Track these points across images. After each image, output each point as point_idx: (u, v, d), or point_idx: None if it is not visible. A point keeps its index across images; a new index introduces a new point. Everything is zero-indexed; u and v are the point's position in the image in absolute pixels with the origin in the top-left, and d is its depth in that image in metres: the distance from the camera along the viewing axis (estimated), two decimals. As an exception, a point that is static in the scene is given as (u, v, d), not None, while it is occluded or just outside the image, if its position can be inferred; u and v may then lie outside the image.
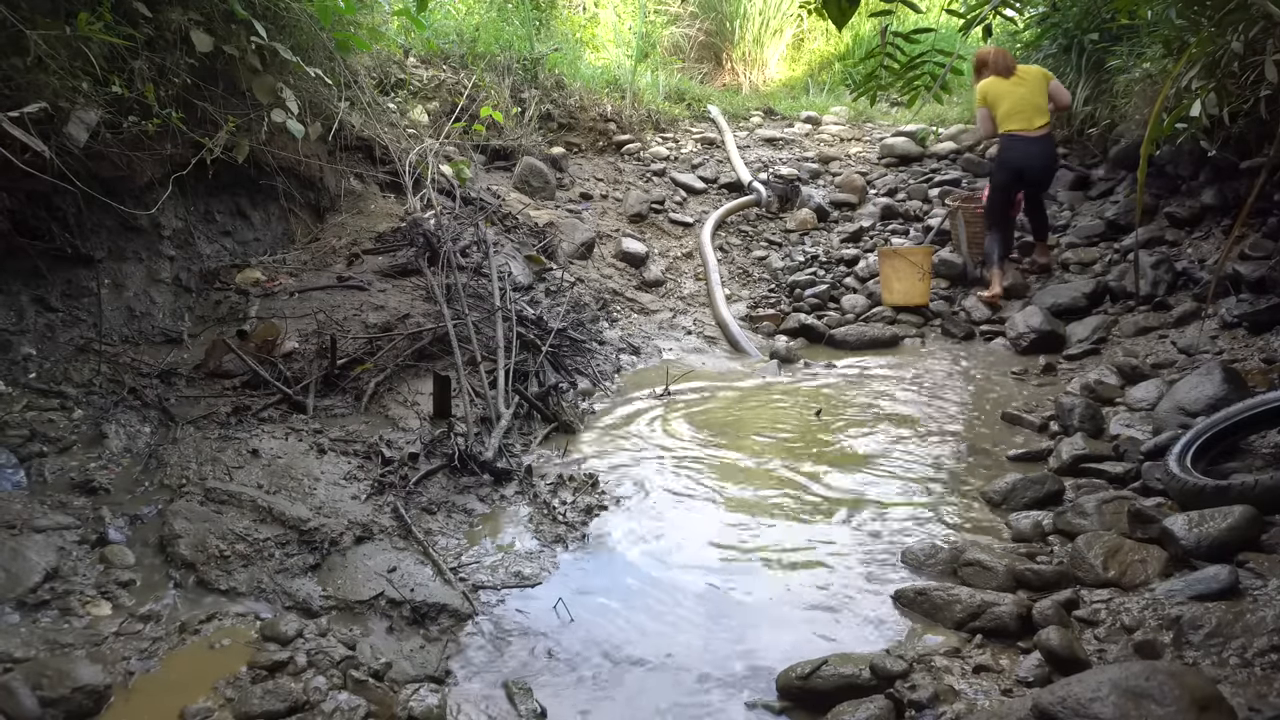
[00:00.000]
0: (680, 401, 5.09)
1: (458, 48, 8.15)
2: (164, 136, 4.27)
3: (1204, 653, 2.37)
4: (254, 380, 4.16)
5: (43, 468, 3.37)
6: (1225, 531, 2.84)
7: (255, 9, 4.61)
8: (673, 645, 2.81)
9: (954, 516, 3.66)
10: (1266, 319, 4.70)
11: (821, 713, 2.43)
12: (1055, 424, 4.43)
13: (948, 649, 2.66)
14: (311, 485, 3.48)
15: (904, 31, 3.30)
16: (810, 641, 2.80)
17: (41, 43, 3.52)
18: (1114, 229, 6.51)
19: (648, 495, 3.89)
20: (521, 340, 4.95)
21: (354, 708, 2.42)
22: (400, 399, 4.31)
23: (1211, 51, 3.82)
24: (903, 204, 7.93)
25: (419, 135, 6.86)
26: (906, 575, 3.19)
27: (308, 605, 2.89)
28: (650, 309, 6.74)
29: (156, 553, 3.06)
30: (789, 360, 5.89)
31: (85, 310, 4.15)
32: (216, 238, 5.09)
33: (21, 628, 2.61)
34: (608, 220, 7.61)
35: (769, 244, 7.78)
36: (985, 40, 5.02)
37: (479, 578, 3.15)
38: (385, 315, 4.85)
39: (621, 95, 9.01)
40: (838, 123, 9.99)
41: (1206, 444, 3.48)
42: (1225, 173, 5.53)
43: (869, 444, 4.50)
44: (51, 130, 3.65)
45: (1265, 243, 5.07)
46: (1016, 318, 5.90)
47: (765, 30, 12.14)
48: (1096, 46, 6.54)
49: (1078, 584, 2.91)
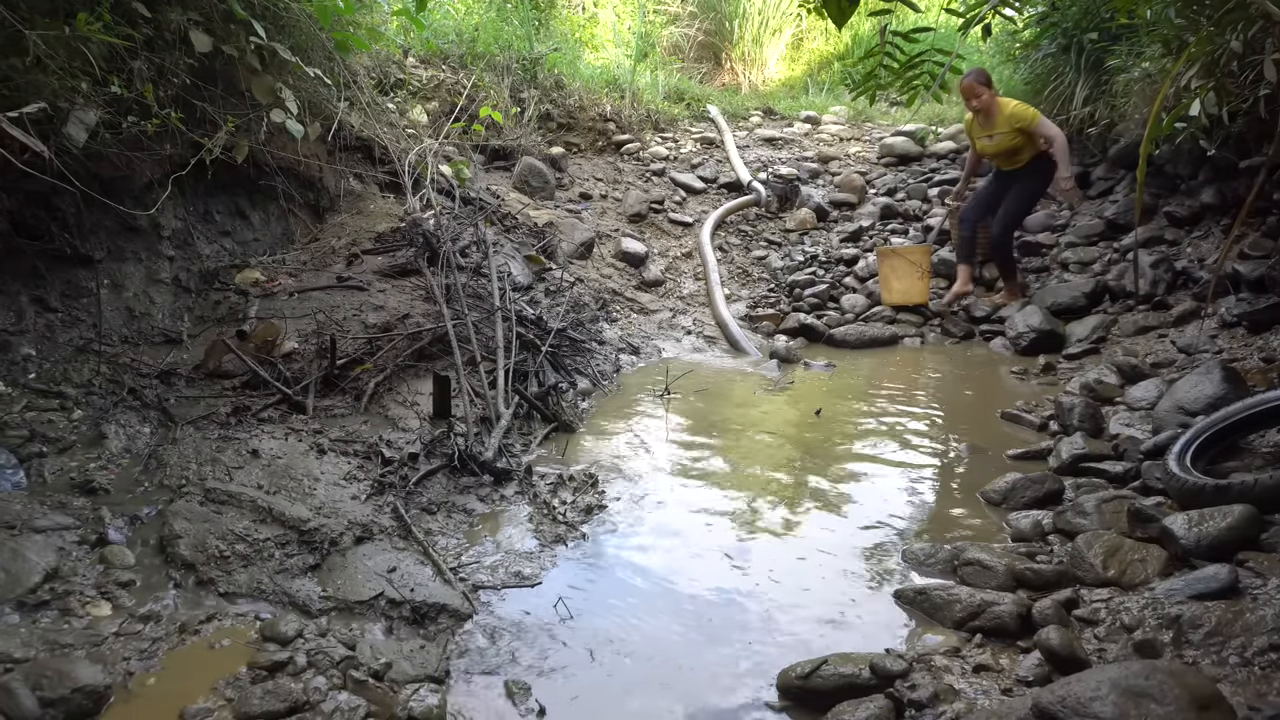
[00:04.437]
0: (680, 401, 5.09)
1: (457, 48, 8.15)
2: (163, 137, 4.27)
3: (1204, 652, 2.37)
4: (254, 380, 4.15)
5: (42, 468, 3.37)
6: (1225, 531, 2.85)
7: (254, 9, 4.61)
8: (672, 644, 2.82)
9: (954, 516, 3.66)
10: (1266, 318, 4.70)
11: (821, 712, 2.43)
12: (1055, 423, 4.43)
13: (948, 648, 2.66)
14: (311, 485, 3.48)
15: (903, 31, 3.31)
16: (810, 641, 2.80)
17: (40, 43, 3.52)
18: (1113, 228, 6.51)
19: (647, 495, 3.89)
20: (521, 340, 4.95)
21: (354, 708, 2.42)
22: (400, 399, 4.31)
23: (1211, 51, 3.82)
24: (902, 203, 7.93)
25: (418, 135, 6.86)
26: (906, 574, 3.19)
27: (307, 605, 2.89)
28: (650, 309, 6.74)
29: (156, 553, 3.06)
30: (789, 360, 5.89)
31: (84, 310, 4.15)
32: (216, 238, 5.09)
33: (21, 628, 2.61)
34: (607, 220, 7.61)
35: (768, 244, 7.78)
36: (984, 40, 4.95)
37: (479, 577, 3.15)
38: (385, 315, 4.85)
39: (621, 95, 9.00)
40: (837, 122, 9.99)
41: (1206, 443, 3.48)
42: (1224, 172, 5.53)
43: (868, 443, 4.50)
44: (50, 130, 3.64)
45: (1264, 242, 5.07)
46: (1016, 317, 5.90)
47: (764, 30, 12.14)
48: (1096, 46, 6.53)
49: (1077, 583, 2.91)
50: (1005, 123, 6.13)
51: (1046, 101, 7.16)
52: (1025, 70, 7.54)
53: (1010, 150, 6.23)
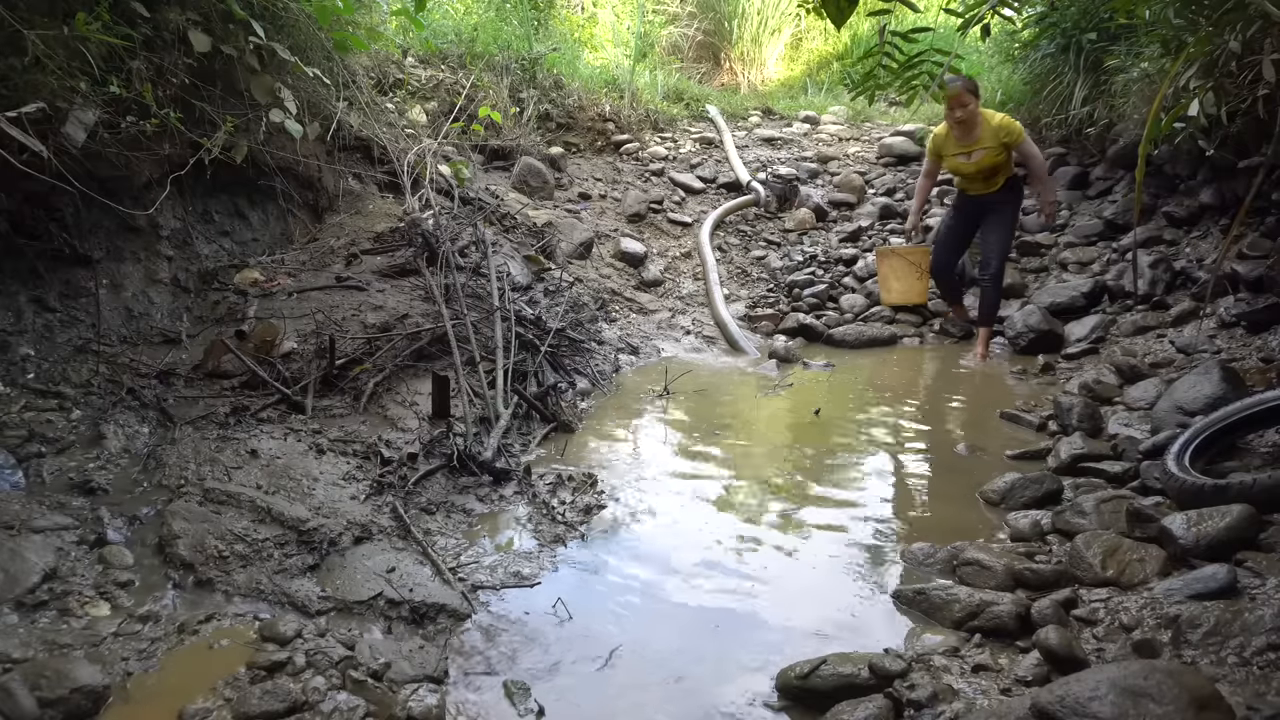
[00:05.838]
0: (679, 401, 5.09)
1: (456, 48, 8.14)
2: (162, 136, 4.26)
3: (1202, 651, 2.37)
4: (252, 380, 4.15)
5: (41, 468, 3.37)
6: (1224, 530, 2.85)
7: (253, 9, 4.61)
8: (671, 644, 2.82)
9: (953, 515, 3.66)
10: (1264, 318, 4.70)
11: (821, 712, 2.43)
12: (1054, 423, 4.43)
13: (947, 648, 2.66)
14: (310, 485, 3.48)
15: (902, 31, 3.31)
16: (809, 640, 2.80)
17: (39, 43, 3.51)
18: (1112, 228, 6.51)
19: (646, 494, 3.89)
20: (520, 340, 4.95)
21: (353, 708, 2.42)
22: (399, 399, 4.31)
23: (1209, 51, 3.82)
24: (901, 204, 7.92)
25: (417, 135, 6.86)
26: (905, 574, 3.19)
27: (306, 605, 2.89)
28: (649, 309, 6.73)
29: (155, 553, 3.06)
30: (788, 360, 5.89)
31: (83, 310, 4.15)
32: (215, 238, 5.09)
33: (20, 628, 2.61)
34: (606, 220, 7.61)
35: (767, 244, 7.78)
36: (983, 40, 4.84)
37: (478, 577, 3.15)
38: (384, 315, 4.84)
39: (620, 95, 9.00)
40: (836, 122, 9.99)
41: (1205, 443, 3.48)
42: (1223, 172, 5.53)
43: (868, 443, 4.50)
44: (49, 130, 3.64)
45: (1263, 242, 5.07)
46: (1015, 317, 5.90)
47: (763, 30, 12.14)
48: (1095, 46, 6.54)
49: (1076, 583, 2.91)
50: (992, 136, 5.56)
51: (1045, 101, 7.17)
52: (1024, 70, 7.54)
53: (990, 170, 5.66)
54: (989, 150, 5.60)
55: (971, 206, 5.92)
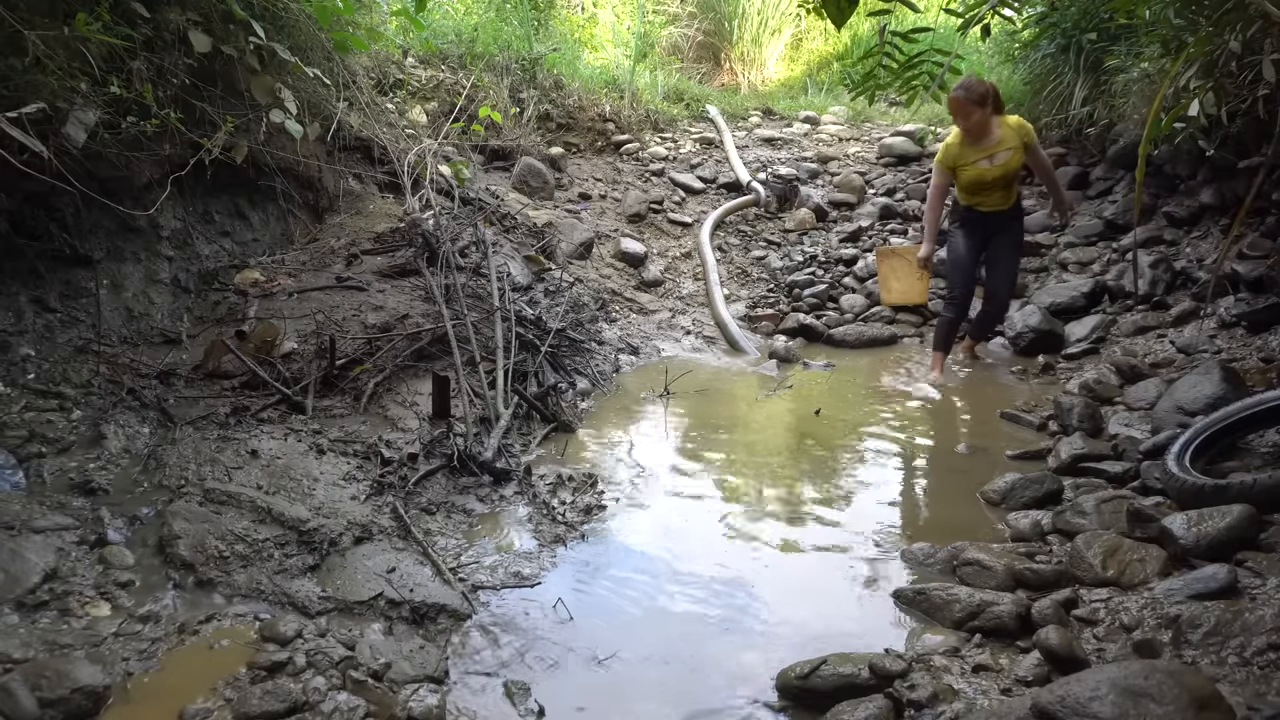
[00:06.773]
0: (679, 401, 5.09)
1: (456, 48, 8.14)
2: (162, 137, 4.26)
3: (1202, 652, 2.37)
4: (253, 381, 4.15)
5: (41, 468, 3.37)
6: (1224, 530, 2.85)
7: (253, 9, 4.61)
8: (671, 644, 2.81)
9: (953, 516, 3.66)
10: (1265, 318, 4.70)
11: (821, 712, 2.43)
12: (1054, 423, 4.43)
13: (947, 648, 2.66)
14: (310, 486, 3.48)
15: (902, 31, 3.32)
16: (809, 641, 2.80)
17: (40, 43, 3.51)
18: (1112, 228, 6.51)
19: (647, 495, 3.89)
20: (520, 340, 4.95)
21: (353, 708, 2.41)
22: (399, 399, 4.31)
23: (1209, 51, 3.83)
24: (901, 204, 7.93)
25: (417, 135, 6.86)
26: (906, 574, 3.19)
27: (307, 606, 2.89)
28: (649, 309, 6.74)
29: (155, 553, 3.06)
30: (788, 360, 5.89)
31: (84, 311, 4.15)
32: (215, 238, 5.09)
33: (20, 628, 2.61)
34: (606, 220, 7.61)
35: (768, 244, 7.78)
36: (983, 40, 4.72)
37: (478, 578, 3.15)
38: (384, 315, 4.84)
39: (620, 95, 9.00)
40: (836, 122, 9.99)
41: (1205, 443, 3.48)
42: (1223, 172, 5.53)
43: (868, 443, 4.50)
44: (50, 131, 3.64)
45: (1263, 242, 5.07)
46: (1015, 317, 5.89)
47: (764, 30, 12.14)
48: (1095, 46, 6.54)
49: (1077, 583, 2.91)
50: (1014, 135, 5.13)
51: (1045, 102, 7.17)
52: (1024, 70, 7.55)
53: (1012, 176, 5.20)
54: (1014, 150, 5.13)
55: (981, 225, 5.38)
